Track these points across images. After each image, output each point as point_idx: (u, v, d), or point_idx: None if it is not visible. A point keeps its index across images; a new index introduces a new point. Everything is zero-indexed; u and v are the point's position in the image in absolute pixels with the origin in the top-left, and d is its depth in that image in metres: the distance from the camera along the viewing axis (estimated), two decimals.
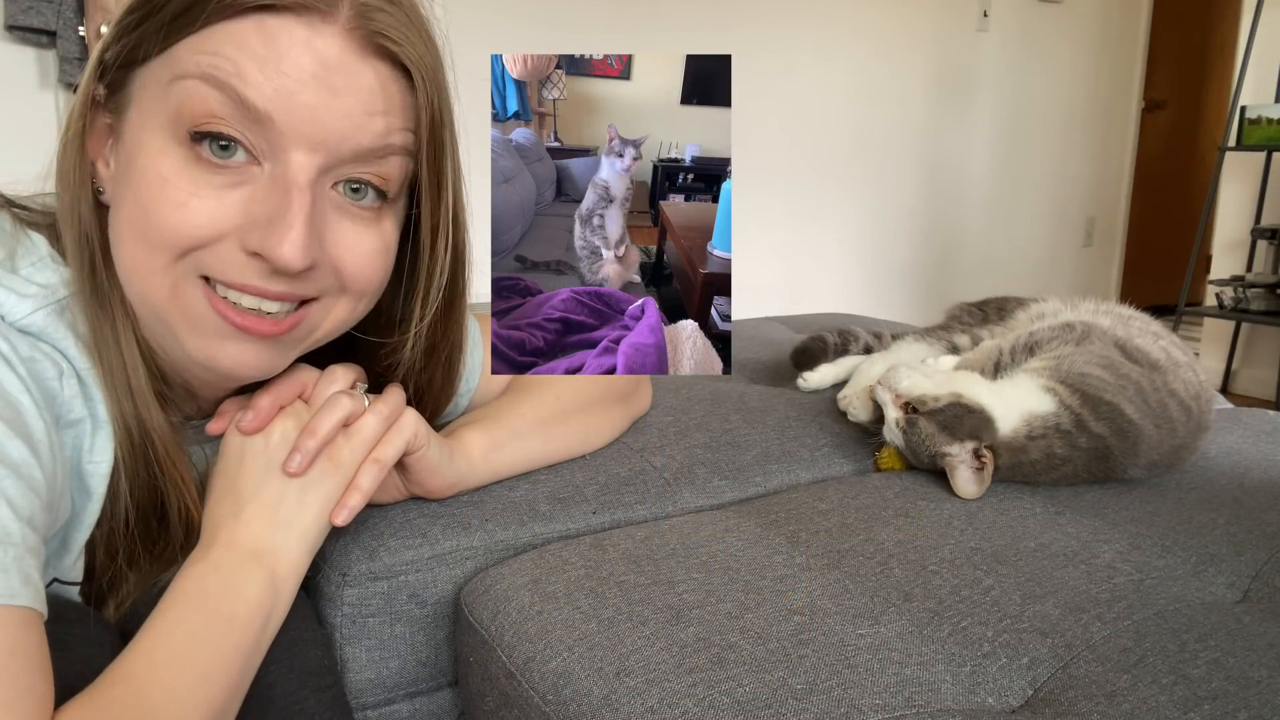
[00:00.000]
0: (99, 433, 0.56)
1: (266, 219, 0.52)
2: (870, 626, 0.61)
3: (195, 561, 0.56)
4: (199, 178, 0.52)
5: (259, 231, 0.52)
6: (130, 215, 0.53)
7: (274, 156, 0.53)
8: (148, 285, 0.54)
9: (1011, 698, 0.57)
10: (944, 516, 0.77)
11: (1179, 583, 0.70)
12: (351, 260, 0.57)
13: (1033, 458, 0.82)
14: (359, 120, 0.53)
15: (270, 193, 0.53)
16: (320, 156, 0.53)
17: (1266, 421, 1.08)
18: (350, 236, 0.56)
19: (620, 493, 0.80)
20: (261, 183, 0.53)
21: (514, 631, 0.62)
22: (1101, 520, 0.78)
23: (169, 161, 0.52)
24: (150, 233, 0.53)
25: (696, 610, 0.62)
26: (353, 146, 0.54)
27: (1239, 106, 3.18)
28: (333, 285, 0.57)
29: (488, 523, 0.73)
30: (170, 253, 0.53)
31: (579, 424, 0.82)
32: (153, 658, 0.51)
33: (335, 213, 0.56)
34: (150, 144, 0.53)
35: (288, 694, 0.57)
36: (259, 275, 0.54)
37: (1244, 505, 0.83)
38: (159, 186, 0.52)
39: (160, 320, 0.56)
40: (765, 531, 0.74)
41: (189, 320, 0.55)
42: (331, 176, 0.55)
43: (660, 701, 0.53)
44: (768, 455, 0.90)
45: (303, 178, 0.53)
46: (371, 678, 0.69)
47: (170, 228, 0.52)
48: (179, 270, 0.54)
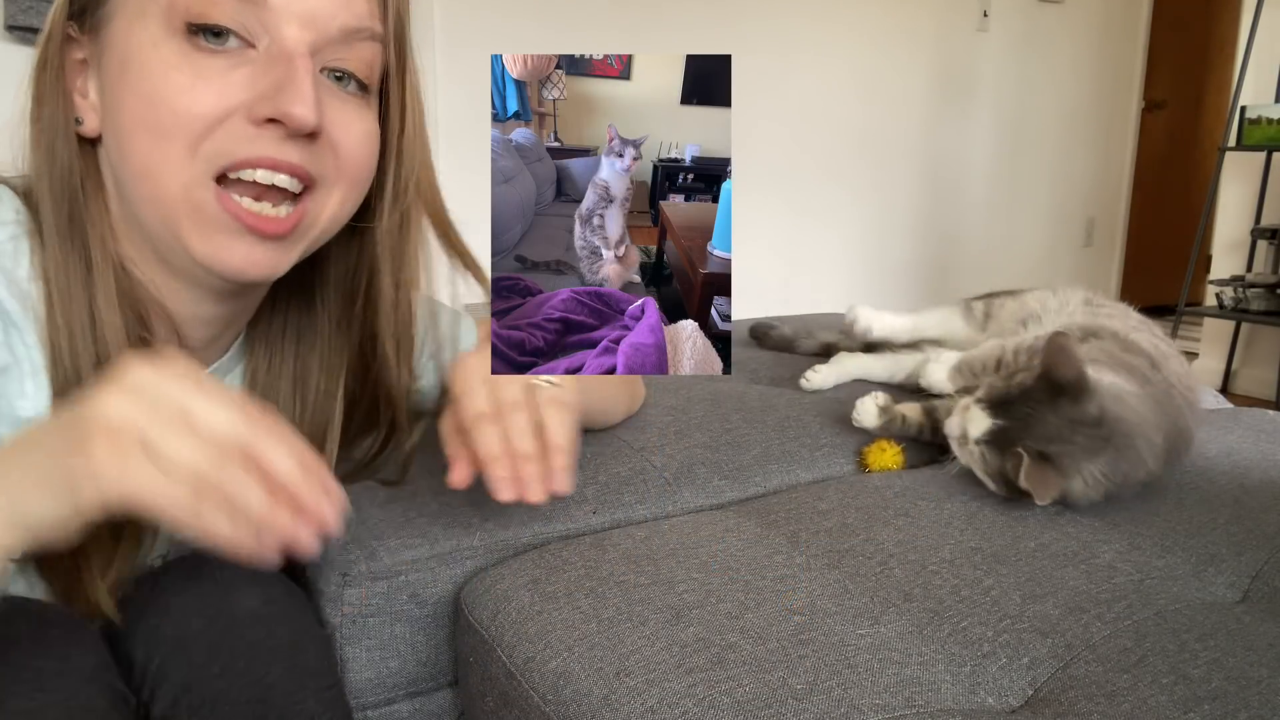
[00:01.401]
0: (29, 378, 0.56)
1: (275, 87, 0.55)
2: (870, 626, 0.61)
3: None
4: (200, 63, 0.54)
5: (268, 100, 0.55)
6: (137, 114, 0.55)
7: (267, 34, 0.56)
8: (161, 183, 0.56)
9: (1011, 698, 0.57)
10: (944, 516, 0.77)
11: (1179, 583, 0.70)
12: (347, 139, 0.60)
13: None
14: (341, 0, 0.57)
15: (271, 66, 0.55)
16: (310, 33, 0.56)
17: (1266, 421, 1.08)
18: (344, 115, 0.59)
19: (620, 493, 0.80)
20: (260, 61, 0.56)
21: (514, 631, 0.62)
22: (1101, 520, 0.78)
23: (168, 53, 0.54)
24: (162, 121, 0.54)
25: (696, 610, 0.61)
26: (339, 24, 0.57)
27: (1239, 106, 3.18)
28: (330, 168, 0.60)
29: (488, 523, 0.73)
30: (184, 140, 0.54)
31: (609, 388, 0.85)
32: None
33: (328, 93, 0.58)
34: (145, 42, 0.55)
35: (288, 694, 0.57)
36: (273, 145, 0.56)
37: (1244, 505, 0.83)
38: (163, 76, 0.54)
39: (167, 224, 0.57)
40: (765, 531, 0.74)
41: (199, 222, 0.57)
42: (320, 59, 0.58)
43: (660, 701, 0.53)
44: (768, 455, 0.90)
45: (302, 47, 0.56)
46: (371, 678, 0.69)
47: (181, 110, 0.54)
48: (194, 168, 0.55)
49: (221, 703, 0.55)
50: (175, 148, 0.55)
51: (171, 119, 0.54)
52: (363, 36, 0.59)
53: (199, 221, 0.57)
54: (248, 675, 0.56)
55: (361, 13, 0.59)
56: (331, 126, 0.58)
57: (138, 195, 0.57)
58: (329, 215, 0.62)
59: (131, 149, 0.56)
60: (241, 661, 0.56)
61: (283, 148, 0.56)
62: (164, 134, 0.55)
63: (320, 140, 0.58)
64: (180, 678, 0.55)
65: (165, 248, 0.59)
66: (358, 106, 0.61)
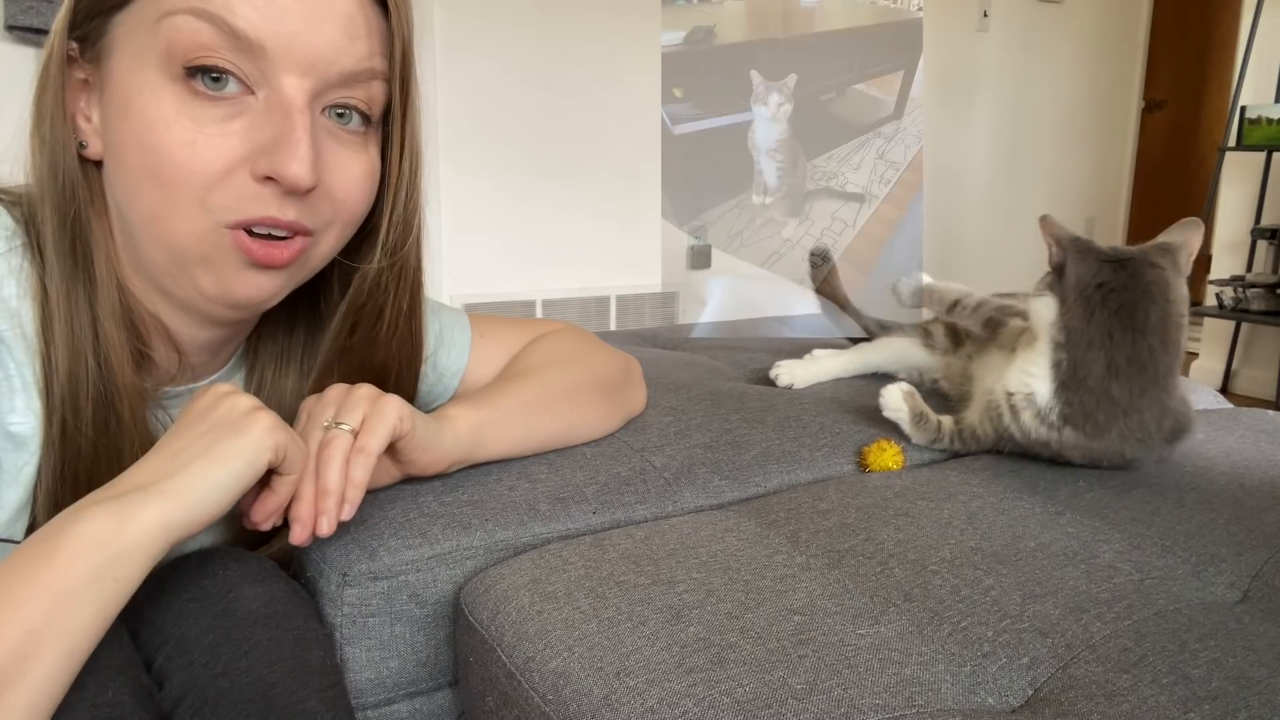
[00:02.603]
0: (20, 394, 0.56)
1: (272, 143, 0.55)
2: (870, 626, 0.61)
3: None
4: (199, 113, 0.54)
5: (266, 156, 0.55)
6: (141, 162, 0.55)
7: (267, 84, 0.55)
8: (172, 228, 0.56)
9: (1011, 698, 0.57)
10: (944, 516, 0.77)
11: (1179, 583, 0.70)
12: (342, 185, 0.60)
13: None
14: (342, 44, 0.57)
15: (269, 118, 0.55)
16: (310, 80, 0.56)
17: (1266, 421, 1.08)
18: (341, 161, 0.60)
19: (620, 493, 0.80)
20: (258, 110, 0.56)
21: (514, 631, 0.62)
22: (1101, 520, 0.78)
23: (167, 101, 0.54)
24: (166, 174, 0.55)
25: (696, 610, 0.62)
26: (339, 70, 0.57)
27: (1239, 106, 3.19)
28: (327, 215, 0.60)
29: (488, 523, 0.73)
30: (190, 193, 0.55)
31: (565, 411, 0.83)
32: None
33: (326, 138, 0.58)
34: (144, 85, 0.54)
35: (289, 694, 0.57)
36: (274, 202, 0.57)
37: (1244, 505, 0.83)
38: (163, 128, 0.54)
39: (175, 261, 0.58)
40: (765, 531, 0.74)
41: (209, 261, 0.58)
42: (321, 102, 0.58)
43: (660, 701, 0.53)
44: (768, 455, 0.90)
45: (300, 99, 0.56)
46: (371, 678, 0.69)
47: (184, 166, 0.54)
48: (206, 220, 0.56)
49: (223, 702, 0.55)
50: (184, 199, 0.55)
51: (175, 173, 0.55)
52: (364, 78, 0.59)
53: (212, 262, 0.58)
54: (250, 675, 0.56)
55: (361, 55, 0.58)
56: (330, 176, 0.59)
57: (146, 235, 0.58)
58: (324, 249, 0.63)
59: (139, 195, 0.56)
60: (244, 661, 0.56)
61: (283, 206, 0.57)
62: (170, 186, 0.55)
63: (318, 190, 0.58)
64: (182, 678, 0.55)
65: (170, 282, 0.60)
66: (357, 147, 0.61)
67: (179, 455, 0.54)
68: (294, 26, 0.55)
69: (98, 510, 0.49)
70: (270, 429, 0.57)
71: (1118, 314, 0.82)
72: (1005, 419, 0.89)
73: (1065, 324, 0.84)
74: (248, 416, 0.56)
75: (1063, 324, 0.84)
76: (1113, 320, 0.82)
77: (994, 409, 0.90)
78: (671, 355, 1.29)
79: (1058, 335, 0.85)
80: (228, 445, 0.55)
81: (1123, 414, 0.84)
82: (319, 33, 0.55)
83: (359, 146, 0.61)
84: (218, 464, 0.54)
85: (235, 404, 0.57)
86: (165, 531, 0.51)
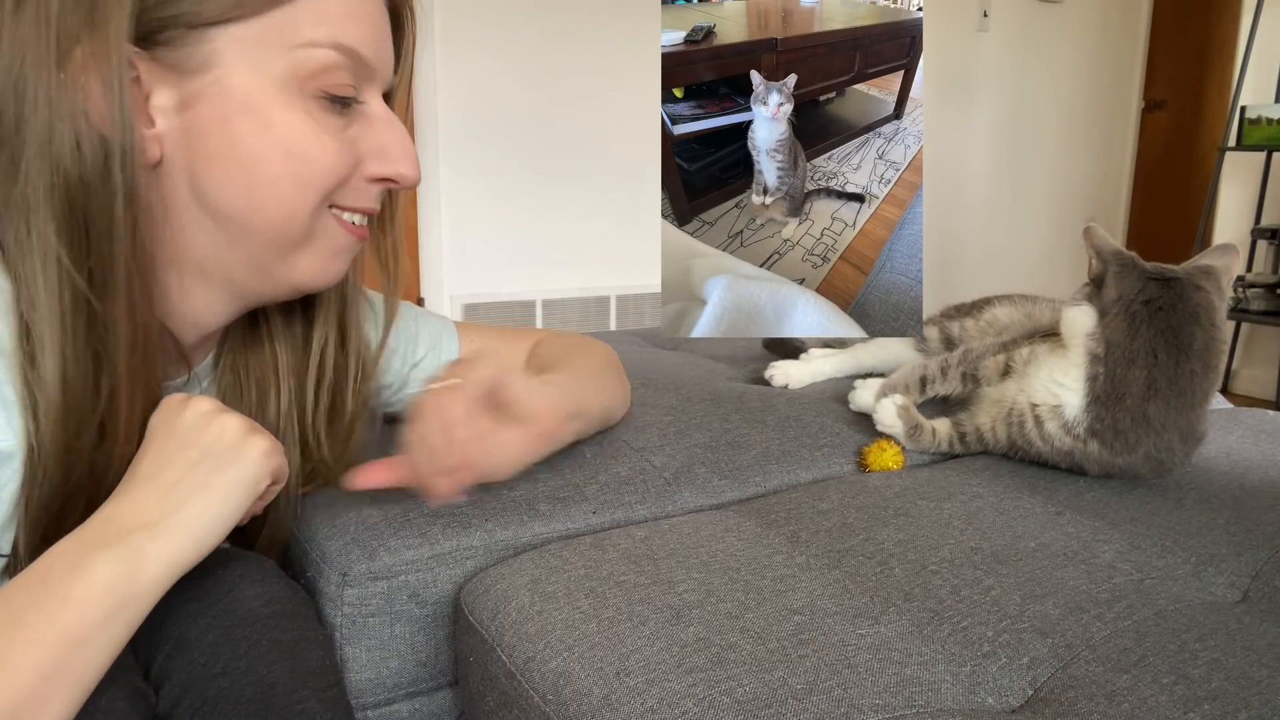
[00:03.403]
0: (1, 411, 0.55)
1: (381, 149, 0.64)
2: (870, 626, 0.61)
3: (64, 539, 0.51)
4: (329, 123, 0.61)
5: (378, 160, 0.64)
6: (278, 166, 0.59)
7: (365, 95, 0.63)
8: (293, 226, 0.61)
9: (1011, 698, 0.57)
10: (944, 516, 0.77)
11: (1179, 583, 0.70)
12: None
13: None
14: (389, 54, 0.65)
15: (372, 126, 0.63)
16: (381, 86, 0.65)
17: (1266, 421, 1.08)
18: None
19: (620, 492, 0.80)
20: (365, 118, 0.63)
21: (514, 631, 0.62)
22: (1101, 520, 0.78)
23: (302, 115, 0.59)
24: (304, 176, 0.60)
25: (696, 610, 0.62)
26: (388, 76, 0.66)
27: (1239, 106, 3.19)
28: None
29: (488, 523, 0.73)
30: (321, 191, 0.61)
31: (604, 388, 0.85)
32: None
33: None
34: (274, 97, 0.58)
35: (289, 694, 0.57)
36: (374, 198, 0.66)
37: (1244, 505, 0.83)
38: (303, 136, 0.59)
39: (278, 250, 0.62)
40: (765, 531, 0.74)
41: (313, 243, 0.63)
42: None
43: (660, 701, 0.53)
44: (768, 455, 0.90)
45: (386, 107, 0.65)
46: (371, 678, 0.69)
47: (325, 168, 0.61)
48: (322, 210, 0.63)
49: (223, 702, 0.55)
50: (314, 198, 0.61)
51: (316, 177, 0.61)
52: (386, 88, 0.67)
53: (314, 243, 0.63)
54: (249, 675, 0.56)
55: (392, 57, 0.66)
56: None
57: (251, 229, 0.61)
58: None
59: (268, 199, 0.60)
60: (243, 661, 0.56)
61: (377, 197, 0.66)
62: (306, 186, 0.60)
63: None
64: (182, 677, 0.55)
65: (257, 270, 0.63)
66: None
67: (177, 488, 0.54)
68: (380, 45, 0.63)
69: (106, 556, 0.50)
70: (267, 454, 0.57)
71: (1164, 334, 0.80)
72: (1028, 428, 0.87)
73: (1106, 337, 0.82)
74: (244, 443, 0.57)
75: (1103, 336, 0.82)
76: (1158, 339, 0.80)
77: (1015, 418, 0.88)
78: (671, 355, 1.29)
79: (1096, 348, 0.82)
80: (227, 477, 0.55)
81: (1154, 434, 0.82)
82: (387, 48, 0.64)
83: None
84: (219, 498, 0.55)
85: (226, 427, 0.57)
86: (173, 570, 0.53)
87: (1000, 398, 0.91)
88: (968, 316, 1.08)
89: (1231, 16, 4.26)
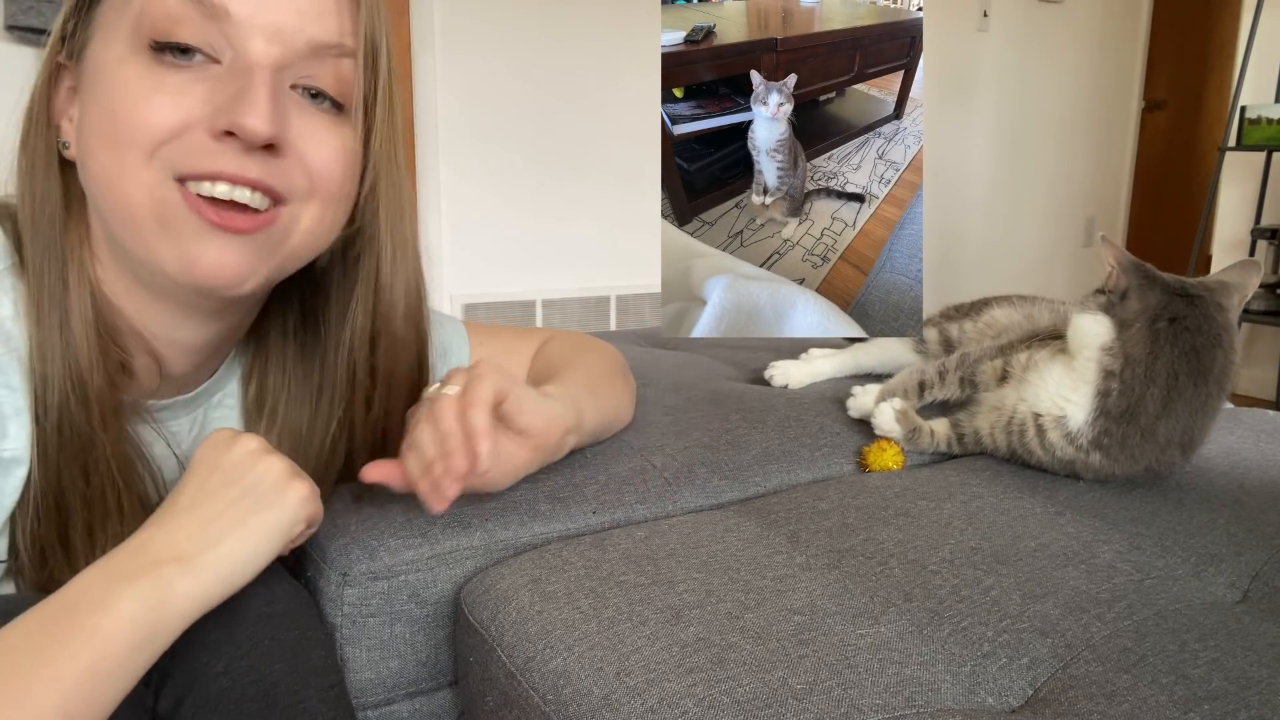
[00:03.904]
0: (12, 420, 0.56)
1: (231, 99, 0.54)
2: (870, 626, 0.61)
3: (94, 564, 0.51)
4: (162, 77, 0.54)
5: (225, 112, 0.54)
6: (97, 125, 0.55)
7: (232, 49, 0.55)
8: (122, 190, 0.55)
9: (1011, 698, 0.57)
10: (944, 516, 0.77)
11: (1179, 583, 0.70)
12: (317, 155, 0.59)
13: None
14: (310, 15, 0.57)
15: (231, 79, 0.55)
16: (276, 47, 0.56)
17: (1266, 421, 1.08)
18: (314, 131, 0.59)
19: (620, 492, 0.80)
20: (223, 76, 0.55)
21: (514, 631, 0.62)
22: (1101, 520, 0.78)
23: (132, 69, 0.54)
24: (119, 132, 0.54)
25: (696, 610, 0.62)
26: (307, 39, 0.57)
27: (1239, 106, 3.19)
28: (301, 185, 0.59)
29: (488, 523, 0.73)
30: (141, 149, 0.54)
31: (610, 394, 0.85)
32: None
33: (297, 109, 0.58)
34: (111, 59, 0.55)
35: (291, 694, 0.57)
36: (233, 159, 0.55)
37: (1244, 505, 0.83)
38: (123, 89, 0.54)
39: (137, 234, 0.56)
40: (765, 531, 0.74)
41: (166, 225, 0.56)
42: (290, 75, 0.57)
43: (660, 701, 0.53)
44: (768, 455, 0.90)
45: (266, 61, 0.55)
46: (371, 678, 0.69)
47: (138, 122, 0.54)
48: (154, 172, 0.55)
49: (224, 701, 0.55)
50: (131, 156, 0.54)
51: (127, 130, 0.54)
52: (333, 53, 0.58)
53: (167, 226, 0.56)
54: (251, 674, 0.56)
55: (331, 29, 0.58)
56: (299, 140, 0.58)
57: (106, 208, 0.57)
58: (305, 229, 0.60)
59: (94, 162, 0.56)
60: (245, 660, 0.56)
61: (243, 162, 0.55)
62: (120, 144, 0.54)
63: (287, 155, 0.57)
64: (183, 677, 0.55)
65: (139, 263, 0.59)
66: (330, 123, 0.60)
67: (215, 524, 0.54)
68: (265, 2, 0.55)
69: (135, 590, 0.49)
70: (304, 501, 0.57)
71: (1186, 355, 0.78)
72: (1029, 436, 0.86)
73: (1125, 351, 0.79)
74: (284, 486, 0.57)
75: (1121, 351, 0.80)
76: (1180, 361, 0.78)
77: (1016, 426, 0.87)
78: (671, 355, 1.29)
79: (1110, 363, 0.80)
80: (263, 518, 0.55)
81: (1159, 449, 0.82)
82: (286, 3, 0.56)
83: (332, 124, 0.60)
84: (254, 538, 0.55)
85: (270, 468, 0.57)
86: (200, 607, 0.52)
87: (999, 404, 0.90)
88: (966, 318, 1.08)
89: (1231, 16, 4.26)
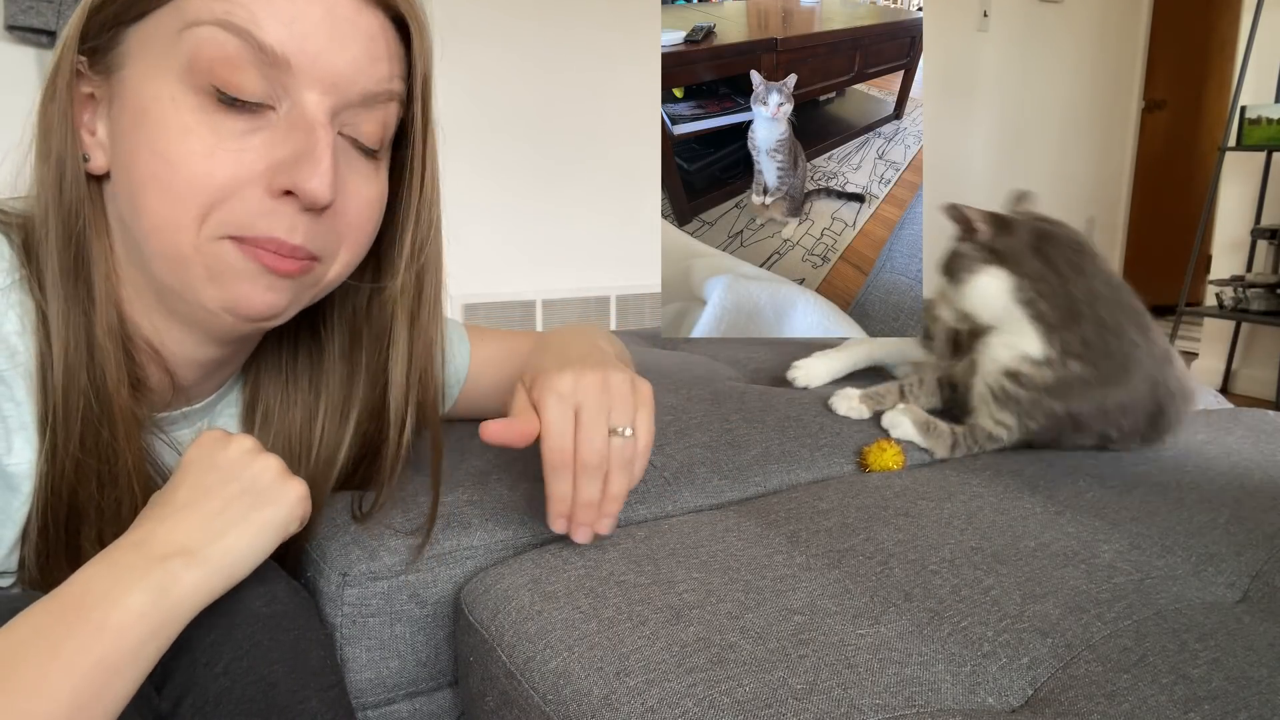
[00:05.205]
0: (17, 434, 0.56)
1: (293, 158, 0.54)
2: (870, 626, 0.61)
3: (94, 559, 0.51)
4: (220, 125, 0.53)
5: (286, 171, 0.54)
6: (152, 171, 0.54)
7: (289, 99, 0.55)
8: (172, 241, 0.55)
9: (1011, 698, 0.57)
10: (944, 516, 0.77)
11: (1179, 583, 0.70)
12: (355, 208, 0.59)
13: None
14: (364, 64, 0.56)
15: (290, 133, 0.54)
16: (332, 98, 0.55)
17: (1266, 421, 1.08)
18: (354, 183, 0.59)
19: None
20: (279, 126, 0.55)
21: (514, 631, 0.62)
22: (1101, 520, 0.78)
23: (187, 111, 0.53)
24: (177, 185, 0.53)
25: (696, 610, 0.62)
26: (359, 90, 0.57)
27: (1239, 106, 3.19)
28: (334, 241, 0.59)
29: (488, 522, 0.73)
30: (197, 205, 0.54)
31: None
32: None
33: (343, 159, 0.58)
34: (162, 95, 0.53)
35: (290, 694, 0.57)
36: (284, 220, 0.55)
37: (1244, 505, 0.83)
38: (181, 137, 0.53)
39: (179, 276, 0.56)
40: (765, 531, 0.74)
41: (216, 273, 0.56)
42: (339, 121, 0.57)
43: (660, 701, 0.53)
44: (768, 455, 0.90)
45: (322, 115, 0.55)
46: (371, 678, 0.69)
47: (199, 178, 0.53)
48: (205, 232, 0.55)
49: (224, 701, 0.55)
50: (189, 212, 0.54)
51: (186, 184, 0.53)
52: (382, 99, 0.58)
53: (217, 273, 0.56)
54: (251, 674, 0.56)
55: (382, 76, 0.58)
56: (343, 197, 0.58)
57: (150, 251, 0.57)
58: (332, 277, 0.62)
59: (144, 205, 0.55)
60: (244, 661, 0.56)
61: (294, 222, 0.56)
62: (178, 197, 0.54)
63: (331, 210, 0.57)
64: (183, 677, 0.55)
65: (172, 297, 0.59)
66: (369, 172, 0.60)
67: (218, 518, 0.54)
68: (320, 44, 0.54)
69: (142, 583, 0.49)
70: (300, 500, 0.58)
71: (1072, 250, 0.90)
72: (1020, 391, 0.90)
73: (1029, 274, 0.89)
74: (281, 485, 0.57)
75: (1026, 278, 0.89)
76: (1070, 261, 0.90)
77: (1001, 394, 0.92)
78: (671, 355, 1.29)
79: (1024, 293, 0.89)
80: (263, 514, 0.56)
81: (1115, 335, 0.89)
82: (343, 51, 0.55)
83: (371, 172, 0.60)
84: (254, 533, 0.55)
85: (266, 467, 0.57)
86: (204, 599, 0.53)
87: (981, 390, 0.94)
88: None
89: (1231, 16, 4.26)
